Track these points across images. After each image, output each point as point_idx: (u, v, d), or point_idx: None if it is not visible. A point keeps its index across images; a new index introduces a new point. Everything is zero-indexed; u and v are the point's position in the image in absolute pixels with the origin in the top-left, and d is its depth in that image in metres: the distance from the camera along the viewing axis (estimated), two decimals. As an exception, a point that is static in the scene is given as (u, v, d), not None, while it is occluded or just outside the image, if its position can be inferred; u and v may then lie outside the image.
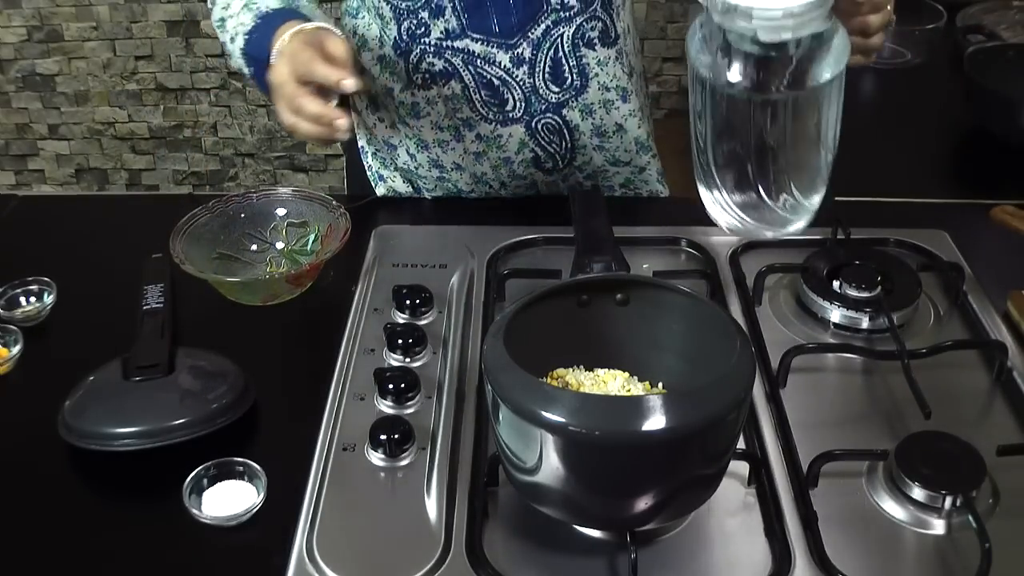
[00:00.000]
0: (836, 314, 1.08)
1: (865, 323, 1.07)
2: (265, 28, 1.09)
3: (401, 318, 1.07)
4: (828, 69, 0.79)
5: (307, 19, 1.08)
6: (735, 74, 0.80)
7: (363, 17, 1.26)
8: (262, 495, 0.88)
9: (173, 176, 2.84)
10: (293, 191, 1.20)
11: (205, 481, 0.90)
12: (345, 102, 1.36)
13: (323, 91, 1.00)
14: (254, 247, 1.17)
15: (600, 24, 1.22)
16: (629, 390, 0.89)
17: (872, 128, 1.55)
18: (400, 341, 1.01)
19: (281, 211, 1.18)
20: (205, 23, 2.59)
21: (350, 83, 0.97)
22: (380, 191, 1.39)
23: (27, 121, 2.75)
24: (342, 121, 0.98)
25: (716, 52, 0.81)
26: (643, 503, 0.78)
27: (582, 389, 0.88)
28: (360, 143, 1.38)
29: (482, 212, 1.30)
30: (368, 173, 1.39)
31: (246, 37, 1.11)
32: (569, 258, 1.06)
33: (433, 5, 1.18)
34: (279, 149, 2.77)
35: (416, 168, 1.34)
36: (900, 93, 1.71)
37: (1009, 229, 1.24)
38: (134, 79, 2.69)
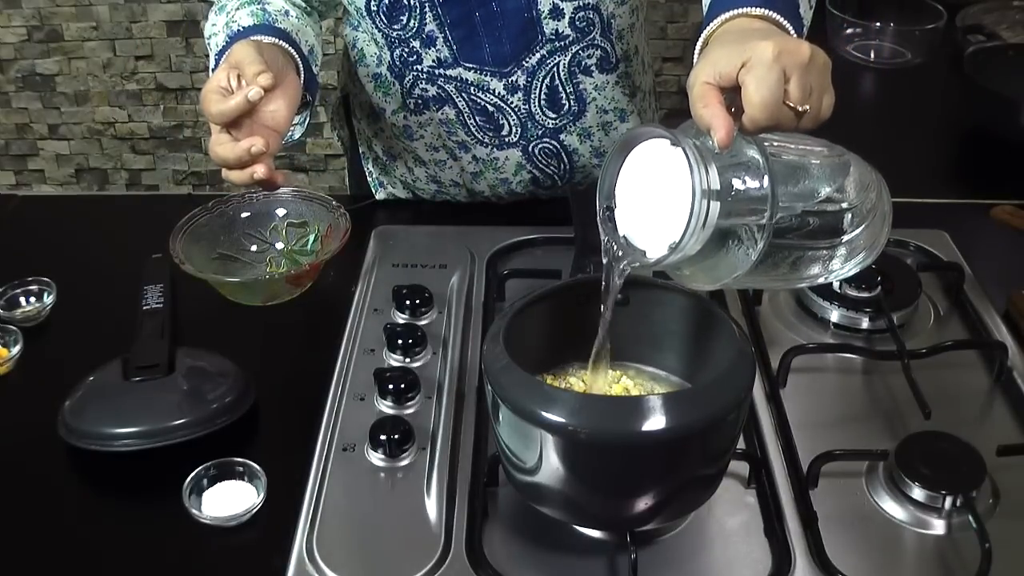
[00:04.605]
0: (836, 314, 1.08)
1: (865, 323, 1.07)
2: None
3: (401, 318, 1.07)
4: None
5: (276, 37, 1.04)
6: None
7: (363, 31, 1.22)
8: (262, 495, 0.88)
9: (173, 176, 2.84)
10: (293, 191, 1.19)
11: (205, 481, 0.90)
12: (347, 109, 1.37)
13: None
14: (254, 247, 1.17)
15: (599, 51, 1.18)
16: (630, 390, 0.89)
17: (872, 128, 1.55)
18: (400, 341, 1.01)
19: (281, 211, 1.18)
20: (205, 23, 2.58)
21: (252, 91, 0.93)
22: (380, 196, 1.39)
23: (27, 121, 2.75)
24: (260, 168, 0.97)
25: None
26: (643, 503, 0.78)
27: (582, 389, 0.88)
28: (361, 148, 1.38)
29: (482, 213, 1.30)
30: (368, 179, 1.39)
31: (216, 59, 1.07)
32: (569, 258, 1.06)
33: (424, 35, 1.15)
34: (279, 149, 2.77)
35: (414, 181, 1.34)
36: (900, 93, 1.71)
37: (1009, 229, 1.25)
38: (134, 79, 2.69)
